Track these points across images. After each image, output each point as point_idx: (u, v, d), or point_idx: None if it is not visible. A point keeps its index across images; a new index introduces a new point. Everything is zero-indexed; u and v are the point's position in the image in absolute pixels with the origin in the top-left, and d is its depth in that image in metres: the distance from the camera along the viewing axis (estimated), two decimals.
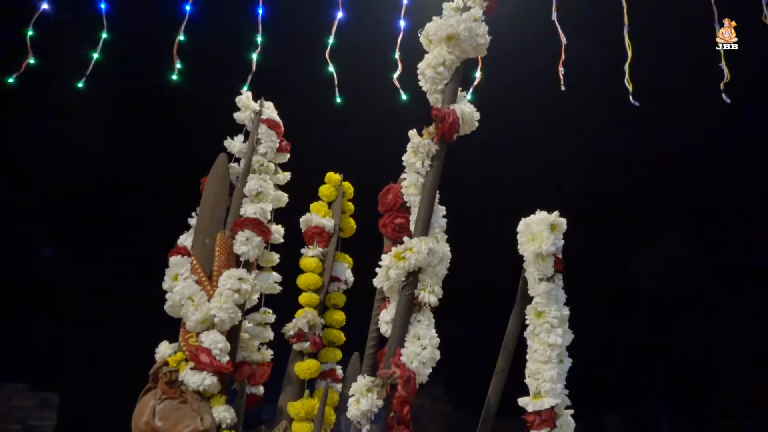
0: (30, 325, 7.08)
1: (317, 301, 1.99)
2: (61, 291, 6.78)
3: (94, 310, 6.93)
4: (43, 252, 7.17)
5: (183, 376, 1.75)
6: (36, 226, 5.09)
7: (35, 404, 6.21)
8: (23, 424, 6.12)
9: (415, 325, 1.61)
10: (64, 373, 7.14)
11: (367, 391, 1.52)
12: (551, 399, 1.58)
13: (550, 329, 1.63)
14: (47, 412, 6.21)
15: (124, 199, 3.70)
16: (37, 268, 6.53)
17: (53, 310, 6.97)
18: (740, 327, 6.49)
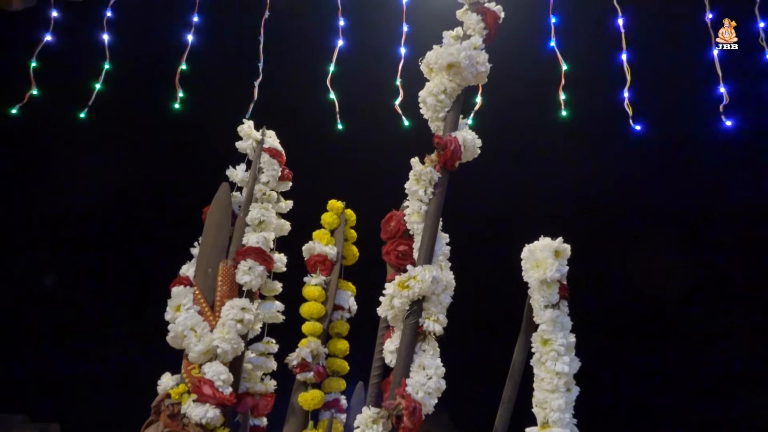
0: (29, 356, 7.03)
1: (320, 330, 1.97)
2: (61, 322, 6.74)
3: (95, 341, 6.87)
4: (44, 281, 7.13)
5: (185, 408, 1.72)
6: (35, 256, 5.09)
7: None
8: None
9: (420, 354, 1.59)
10: (65, 403, 7.06)
11: (372, 423, 1.49)
12: (559, 429, 1.55)
13: (557, 357, 1.61)
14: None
15: (125, 229, 3.70)
16: (37, 299, 6.50)
17: (53, 341, 6.92)
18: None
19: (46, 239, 4.15)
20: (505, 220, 3.51)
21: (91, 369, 6.48)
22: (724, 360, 3.66)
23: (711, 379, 3.67)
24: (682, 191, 3.62)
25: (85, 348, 6.21)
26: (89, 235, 3.99)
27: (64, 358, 6.22)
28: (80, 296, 4.43)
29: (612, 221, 3.65)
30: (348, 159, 3.61)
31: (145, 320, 2.09)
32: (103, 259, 4.07)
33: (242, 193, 2.07)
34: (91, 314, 4.58)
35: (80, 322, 5.76)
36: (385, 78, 3.57)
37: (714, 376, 3.68)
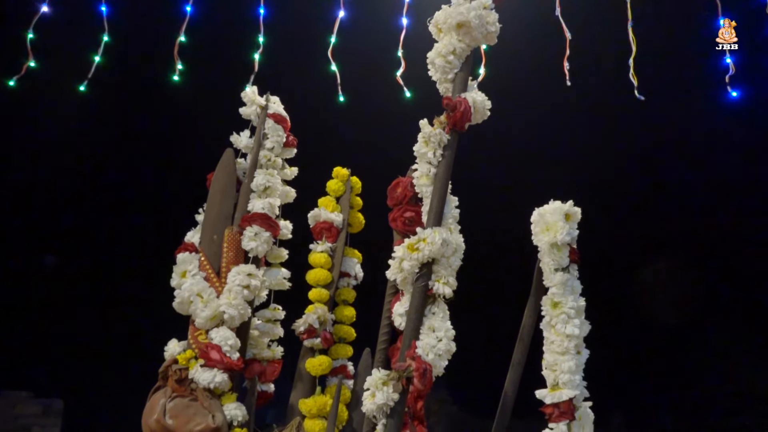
0: (32, 333, 7.06)
1: (327, 297, 1.96)
2: (63, 296, 6.76)
3: (99, 312, 6.90)
4: (46, 260, 7.15)
5: (193, 373, 1.72)
6: (37, 229, 5.07)
7: (39, 411, 6.17)
8: (27, 431, 6.09)
9: (430, 317, 1.57)
10: (68, 378, 7.10)
11: (382, 385, 1.48)
12: (569, 391, 1.54)
13: (567, 320, 1.60)
14: (51, 419, 6.17)
15: (128, 199, 3.68)
16: (38, 275, 6.50)
17: (55, 316, 6.95)
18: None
19: (46, 211, 4.13)
20: (508, 188, 3.50)
21: (95, 338, 6.50)
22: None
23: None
24: (686, 160, 3.61)
25: (88, 316, 6.24)
26: (91, 204, 3.98)
27: (65, 328, 6.24)
28: (82, 265, 4.44)
29: (615, 189, 3.65)
30: (350, 131, 3.59)
31: (151, 289, 2.08)
32: (106, 228, 4.06)
33: (247, 160, 2.04)
34: (95, 283, 4.59)
35: (83, 291, 5.77)
36: (387, 49, 3.52)
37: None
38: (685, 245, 4.43)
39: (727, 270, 4.87)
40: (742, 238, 4.02)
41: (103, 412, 6.06)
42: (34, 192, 4.11)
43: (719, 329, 5.77)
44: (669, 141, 3.71)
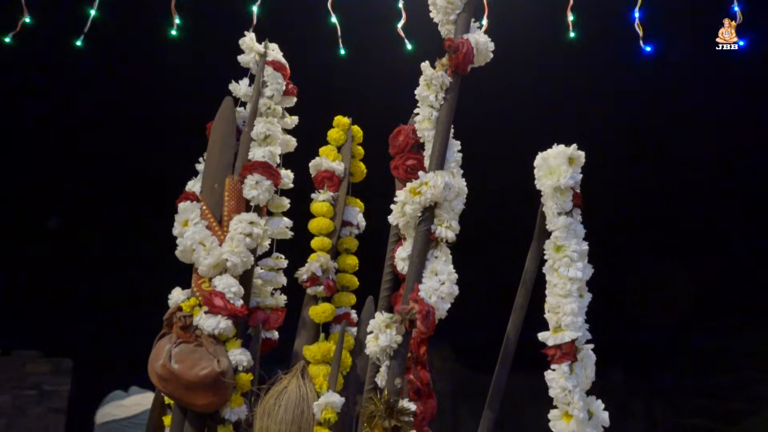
0: (39, 293, 7.14)
1: (330, 246, 1.95)
2: (69, 256, 6.81)
3: (103, 273, 6.96)
4: (50, 223, 7.20)
5: (197, 320, 1.73)
6: (41, 188, 5.07)
7: (49, 370, 6.30)
8: (38, 389, 6.22)
9: (433, 261, 1.57)
10: (76, 338, 7.22)
11: (385, 327, 1.49)
12: (572, 332, 1.55)
13: (570, 263, 1.60)
14: (61, 377, 6.30)
15: (127, 149, 3.66)
16: (42, 236, 6.54)
17: (61, 278, 7.01)
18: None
19: (47, 168, 4.13)
20: (510, 141, 3.48)
21: (100, 296, 6.57)
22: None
23: None
24: (692, 111, 3.57)
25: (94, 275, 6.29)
26: (92, 157, 3.97)
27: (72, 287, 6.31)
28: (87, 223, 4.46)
29: (620, 141, 3.62)
30: (350, 82, 3.55)
31: (152, 237, 2.09)
32: (107, 184, 4.07)
33: (246, 108, 2.02)
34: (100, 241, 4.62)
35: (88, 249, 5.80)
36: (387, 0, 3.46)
37: None
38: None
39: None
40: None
41: (111, 369, 6.17)
42: (36, 151, 4.10)
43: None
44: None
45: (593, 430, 1.52)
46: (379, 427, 1.42)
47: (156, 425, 1.81)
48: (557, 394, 1.53)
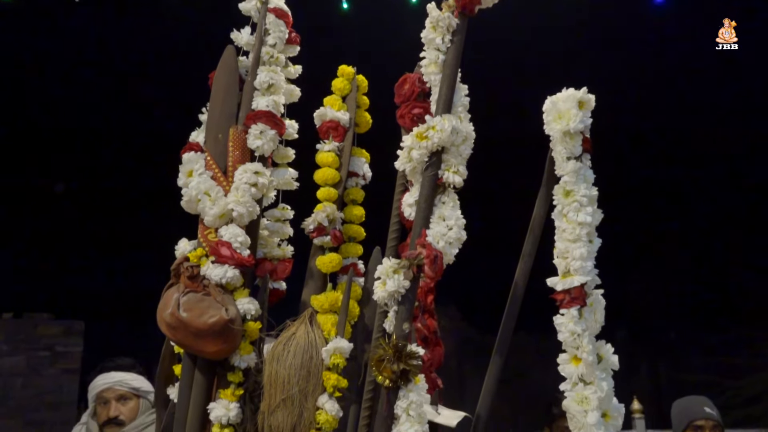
0: (50, 257, 7.20)
1: (336, 196, 1.94)
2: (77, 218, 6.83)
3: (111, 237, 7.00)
4: (56, 188, 7.22)
5: (204, 270, 1.73)
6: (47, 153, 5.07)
7: (61, 332, 6.39)
8: (51, 350, 6.32)
9: (440, 206, 1.56)
10: (87, 301, 7.31)
11: (393, 273, 1.49)
12: (581, 277, 1.54)
13: (579, 208, 1.58)
14: (74, 338, 6.39)
15: (129, 99, 3.63)
16: (51, 199, 6.56)
17: (70, 242, 7.06)
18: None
19: (53, 113, 4.09)
20: (517, 91, 3.42)
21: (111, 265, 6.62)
22: None
23: None
24: (700, 61, 3.50)
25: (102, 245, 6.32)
26: (94, 105, 3.94)
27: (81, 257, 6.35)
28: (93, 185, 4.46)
29: (627, 89, 3.56)
30: (355, 31, 3.48)
31: (156, 190, 2.07)
32: (111, 141, 4.05)
33: (249, 58, 1.98)
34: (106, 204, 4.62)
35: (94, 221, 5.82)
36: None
37: None
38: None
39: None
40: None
41: (121, 331, 6.26)
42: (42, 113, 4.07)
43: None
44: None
45: (602, 373, 1.52)
46: (388, 370, 1.43)
47: (167, 374, 1.83)
48: (566, 338, 1.53)
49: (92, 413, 2.46)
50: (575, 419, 1.49)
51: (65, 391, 6.22)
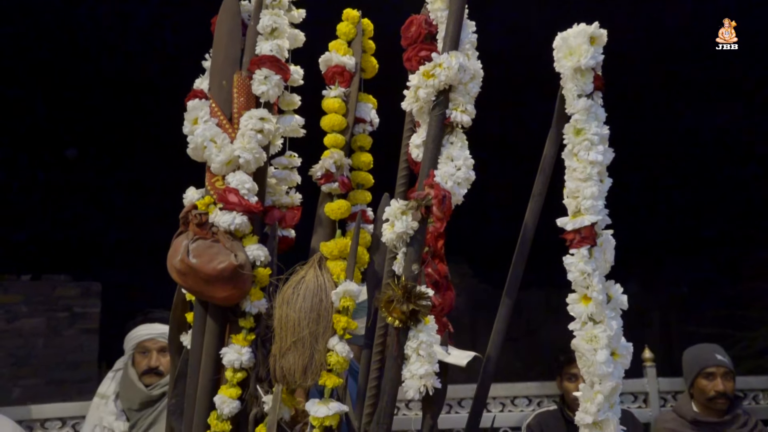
0: (66, 220, 7.28)
1: (343, 143, 1.91)
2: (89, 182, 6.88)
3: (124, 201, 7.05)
4: (68, 153, 7.26)
5: (213, 217, 1.73)
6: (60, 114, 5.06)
7: (78, 293, 6.50)
8: (70, 311, 6.44)
9: (448, 147, 1.53)
10: (103, 263, 7.41)
11: (401, 214, 1.47)
12: (591, 216, 1.52)
13: (590, 146, 1.54)
14: (91, 300, 6.51)
15: (133, 53, 3.59)
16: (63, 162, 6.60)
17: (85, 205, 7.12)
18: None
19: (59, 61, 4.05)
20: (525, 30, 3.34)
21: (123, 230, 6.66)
22: None
23: None
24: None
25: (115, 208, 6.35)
26: (97, 53, 3.89)
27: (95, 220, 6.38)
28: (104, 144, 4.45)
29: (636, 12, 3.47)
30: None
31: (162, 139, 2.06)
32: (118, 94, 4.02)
33: (251, 2, 1.93)
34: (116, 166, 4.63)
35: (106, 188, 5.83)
36: None
37: None
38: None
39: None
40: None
41: (137, 292, 6.36)
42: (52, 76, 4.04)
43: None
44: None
45: (612, 312, 1.52)
46: (397, 311, 1.43)
47: (179, 322, 1.85)
48: (576, 278, 1.52)
49: (130, 361, 2.48)
50: (584, 358, 1.49)
51: (85, 351, 6.37)
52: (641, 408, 3.23)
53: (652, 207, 7.61)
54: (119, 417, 2.40)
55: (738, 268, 7.78)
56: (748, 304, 7.02)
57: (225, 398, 1.66)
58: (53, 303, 6.34)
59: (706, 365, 2.97)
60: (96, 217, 7.20)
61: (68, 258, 7.13)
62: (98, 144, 6.17)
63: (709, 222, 7.85)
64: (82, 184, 6.74)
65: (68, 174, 6.65)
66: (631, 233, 7.22)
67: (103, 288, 6.53)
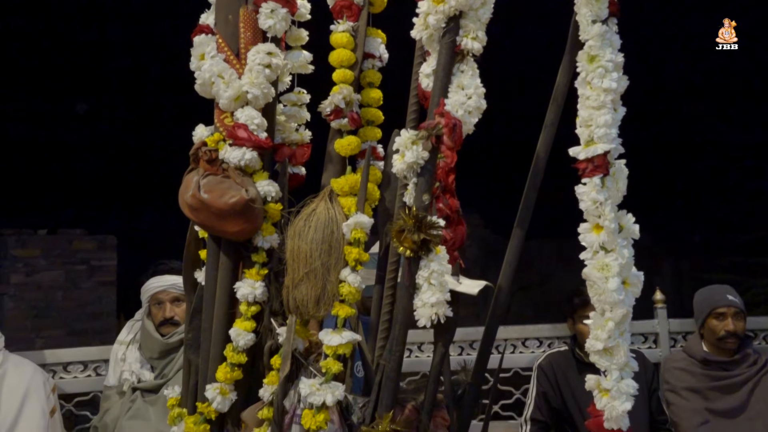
0: (79, 174, 7.33)
1: (352, 78, 1.88)
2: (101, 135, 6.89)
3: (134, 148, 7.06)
4: (77, 108, 7.25)
5: (223, 154, 1.73)
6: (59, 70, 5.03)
7: (95, 246, 6.59)
8: (87, 264, 6.55)
9: (458, 75, 1.50)
10: (117, 215, 7.49)
11: (411, 144, 1.46)
12: (604, 144, 1.50)
13: (605, 74, 1.51)
14: (108, 253, 6.61)
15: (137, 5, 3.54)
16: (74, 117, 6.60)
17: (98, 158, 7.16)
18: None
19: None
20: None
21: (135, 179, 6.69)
22: None
23: None
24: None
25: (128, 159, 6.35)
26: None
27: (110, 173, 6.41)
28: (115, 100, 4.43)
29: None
30: None
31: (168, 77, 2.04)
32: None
33: None
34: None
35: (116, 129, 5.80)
36: None
37: None
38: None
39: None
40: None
41: (151, 243, 6.44)
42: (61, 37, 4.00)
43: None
44: None
45: (623, 241, 1.51)
46: (408, 240, 1.44)
47: (193, 259, 1.88)
48: (588, 207, 1.51)
49: (147, 312, 2.54)
50: (595, 286, 1.50)
51: (104, 302, 6.50)
52: (651, 348, 3.25)
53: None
54: (144, 365, 2.46)
55: (751, 215, 7.71)
56: (762, 252, 6.99)
57: (240, 331, 1.69)
58: (71, 256, 6.44)
59: (717, 305, 2.97)
60: (108, 165, 7.24)
61: (83, 211, 7.22)
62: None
63: (724, 171, 7.76)
64: (94, 139, 6.76)
65: (80, 129, 6.66)
66: (645, 179, 7.17)
67: (119, 241, 6.62)
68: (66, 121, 6.68)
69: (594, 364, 1.50)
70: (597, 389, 1.50)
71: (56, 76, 5.88)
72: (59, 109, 6.59)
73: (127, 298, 5.51)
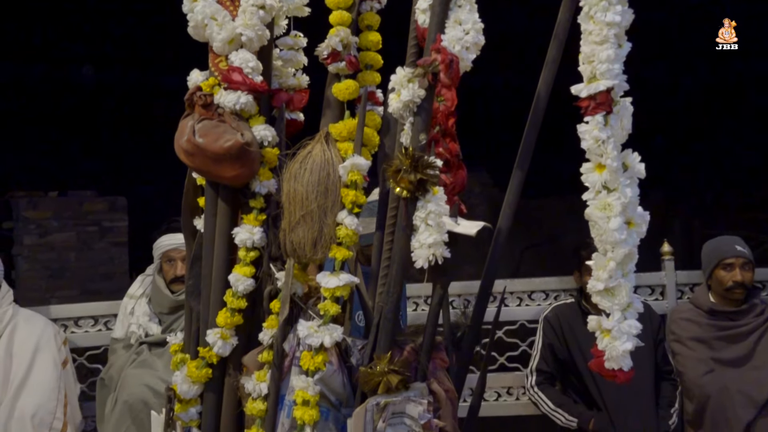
0: (88, 139, 7.35)
1: (349, 20, 1.83)
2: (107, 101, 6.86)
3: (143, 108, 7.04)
4: (84, 71, 7.21)
5: (218, 98, 1.70)
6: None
7: (105, 208, 6.64)
8: (99, 225, 6.61)
9: (456, 10, 1.46)
10: (126, 177, 7.52)
11: (407, 82, 1.43)
12: (607, 81, 1.45)
13: (608, 6, 1.45)
14: (118, 214, 6.66)
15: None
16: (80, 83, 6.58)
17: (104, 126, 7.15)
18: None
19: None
20: None
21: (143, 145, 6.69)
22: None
23: None
24: None
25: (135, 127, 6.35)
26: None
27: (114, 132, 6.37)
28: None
29: None
30: None
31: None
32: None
33: None
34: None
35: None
36: None
37: None
38: None
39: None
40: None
41: (160, 206, 6.47)
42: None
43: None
44: None
45: (627, 180, 1.48)
46: (405, 181, 1.42)
47: (192, 207, 1.87)
48: (590, 146, 1.47)
49: (158, 268, 2.55)
50: (597, 226, 1.47)
51: (116, 263, 6.57)
52: (658, 300, 3.23)
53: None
54: (152, 319, 2.49)
55: (762, 172, 7.59)
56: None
57: (239, 276, 1.69)
58: (82, 218, 6.50)
59: (725, 256, 2.93)
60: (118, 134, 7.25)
61: (93, 173, 7.25)
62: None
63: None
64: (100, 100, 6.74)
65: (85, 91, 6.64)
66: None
67: (129, 202, 6.66)
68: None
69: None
70: (599, 330, 1.49)
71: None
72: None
73: (138, 258, 5.53)
